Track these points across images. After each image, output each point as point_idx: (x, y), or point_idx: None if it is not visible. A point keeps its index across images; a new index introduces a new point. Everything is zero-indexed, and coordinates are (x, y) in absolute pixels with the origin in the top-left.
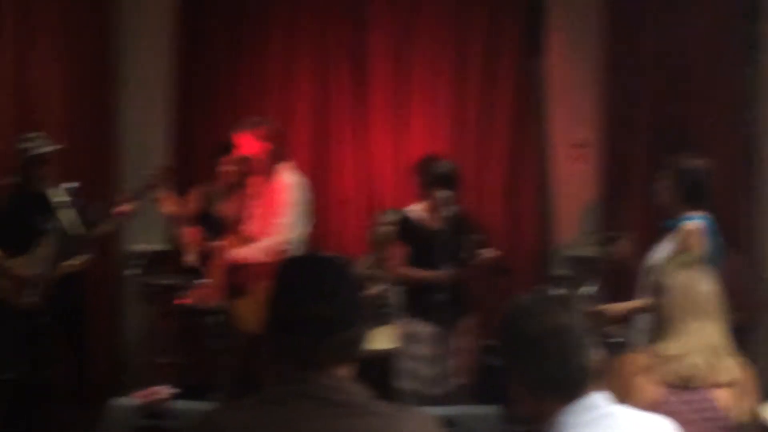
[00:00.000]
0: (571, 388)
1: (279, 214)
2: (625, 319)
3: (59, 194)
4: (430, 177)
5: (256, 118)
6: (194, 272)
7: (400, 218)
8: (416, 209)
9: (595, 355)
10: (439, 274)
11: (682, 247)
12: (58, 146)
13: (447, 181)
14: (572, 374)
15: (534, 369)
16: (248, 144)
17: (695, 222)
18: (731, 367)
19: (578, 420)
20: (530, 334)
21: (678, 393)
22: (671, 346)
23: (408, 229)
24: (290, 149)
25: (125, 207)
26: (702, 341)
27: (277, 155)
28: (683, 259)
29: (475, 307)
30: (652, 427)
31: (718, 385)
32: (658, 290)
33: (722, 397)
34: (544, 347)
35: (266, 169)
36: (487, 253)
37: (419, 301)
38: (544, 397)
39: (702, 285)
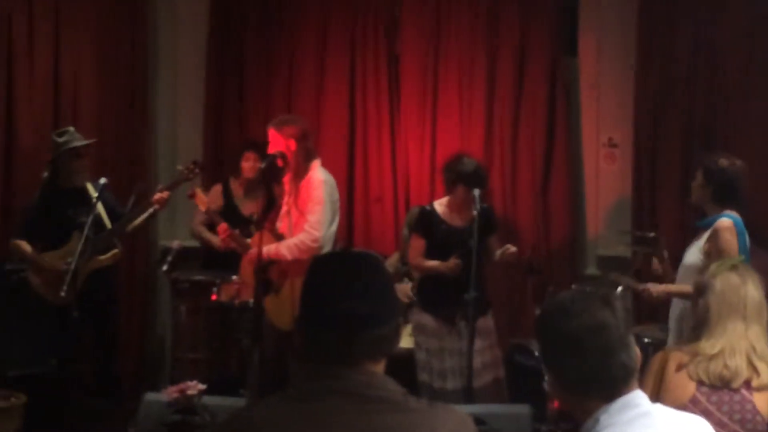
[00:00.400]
0: (611, 386)
1: (309, 212)
2: (667, 300)
3: (92, 188)
4: (454, 175)
5: (286, 115)
6: (225, 268)
7: (421, 210)
8: (440, 205)
9: (635, 352)
10: (448, 263)
11: (712, 245)
12: (92, 140)
13: (471, 179)
14: (613, 372)
15: (574, 367)
16: (277, 141)
17: (725, 220)
18: (766, 371)
19: (617, 419)
20: (570, 331)
21: (713, 392)
22: (710, 345)
23: (429, 223)
24: (322, 148)
25: (163, 194)
26: (742, 343)
27: (307, 153)
28: (730, 260)
29: (494, 306)
30: (689, 427)
31: (755, 388)
32: (701, 289)
33: (757, 399)
34: (584, 345)
35: (296, 166)
36: (510, 248)
37: (426, 295)
38: (584, 395)
39: (746, 288)
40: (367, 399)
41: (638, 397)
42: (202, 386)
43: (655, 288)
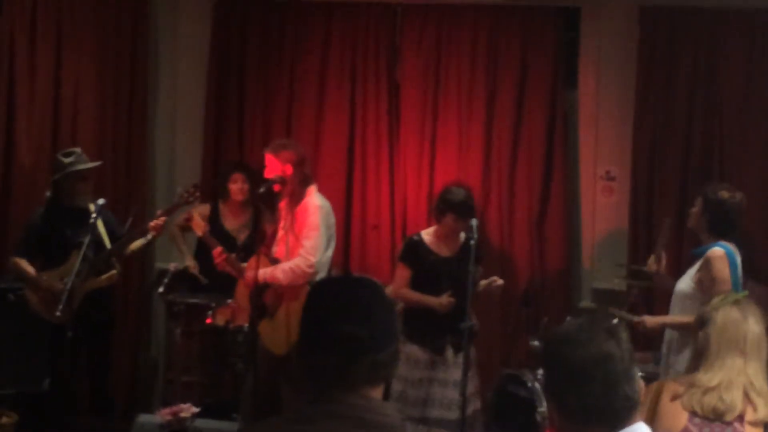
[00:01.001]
0: (613, 418)
1: (305, 237)
2: (661, 331)
3: (95, 209)
4: (443, 204)
5: (284, 140)
6: (220, 292)
7: (408, 240)
8: (428, 234)
9: (639, 385)
10: (434, 299)
11: (704, 273)
12: (97, 163)
13: (460, 208)
14: (615, 404)
15: (576, 397)
16: (273, 166)
17: (718, 249)
18: (762, 406)
19: None
20: (575, 361)
21: (705, 424)
22: (708, 378)
23: (414, 252)
24: (321, 174)
25: (159, 221)
26: (740, 378)
27: (304, 178)
28: (733, 295)
29: (488, 337)
30: None
31: (749, 422)
32: (702, 321)
33: None
34: (588, 375)
35: (292, 191)
36: (497, 281)
37: (413, 325)
38: (585, 425)
39: (747, 324)
40: (364, 423)
41: (640, 429)
42: (195, 409)
43: (651, 320)
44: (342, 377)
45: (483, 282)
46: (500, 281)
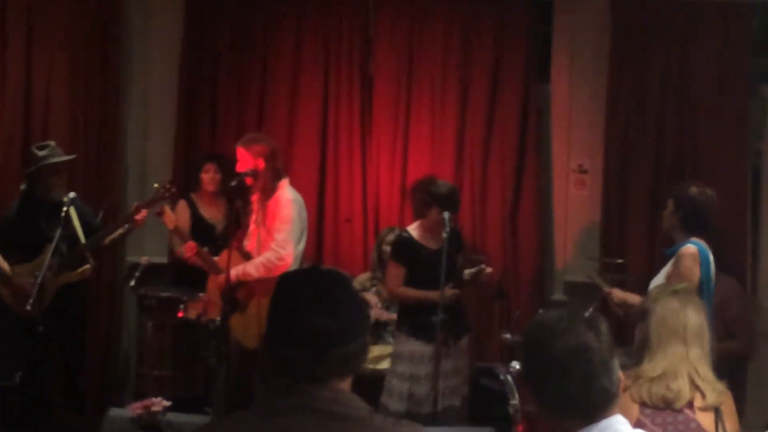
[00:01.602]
0: (590, 410)
1: (276, 230)
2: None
3: (66, 203)
4: (429, 197)
5: (255, 134)
6: (193, 285)
7: (398, 238)
8: (414, 229)
9: (617, 377)
10: (436, 293)
11: (675, 269)
12: (71, 156)
13: (445, 201)
14: (592, 396)
15: (554, 388)
16: (245, 160)
17: (690, 246)
18: (712, 393)
19: None
20: (553, 352)
21: (656, 414)
22: (651, 368)
23: (406, 249)
24: (294, 168)
25: (140, 215)
26: (683, 365)
27: (276, 172)
28: (672, 286)
29: (471, 328)
30: None
31: (699, 408)
32: (643, 313)
33: (701, 418)
34: (565, 367)
35: (264, 185)
36: (487, 269)
37: (415, 321)
38: (562, 416)
39: (686, 312)
40: (333, 416)
41: (617, 422)
42: (166, 403)
43: (618, 294)
44: (311, 370)
45: (468, 272)
46: (489, 269)
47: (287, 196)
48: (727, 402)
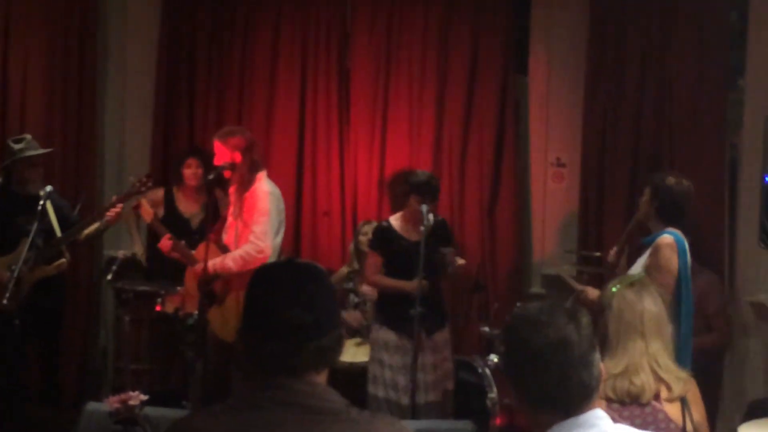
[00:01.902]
0: (569, 404)
1: (254, 223)
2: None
3: (42, 197)
4: (407, 186)
5: (232, 127)
6: (170, 279)
7: (378, 227)
8: (396, 220)
9: (597, 371)
10: (409, 284)
11: (652, 260)
12: (47, 150)
13: (423, 189)
14: (570, 390)
15: (534, 381)
16: (222, 153)
17: (666, 236)
18: (677, 384)
19: None
20: (533, 345)
21: (623, 408)
22: (613, 365)
23: (385, 238)
24: (272, 161)
25: (117, 209)
26: (644, 360)
27: (252, 165)
28: (626, 278)
29: (445, 324)
30: None
31: (666, 400)
32: (601, 309)
33: (669, 409)
34: (544, 360)
35: (241, 178)
36: (459, 261)
37: (389, 311)
38: (541, 409)
39: (642, 304)
40: (309, 409)
41: (596, 417)
42: (144, 396)
43: (592, 292)
44: (287, 363)
45: (457, 261)
46: (462, 261)
47: (264, 188)
48: (692, 390)
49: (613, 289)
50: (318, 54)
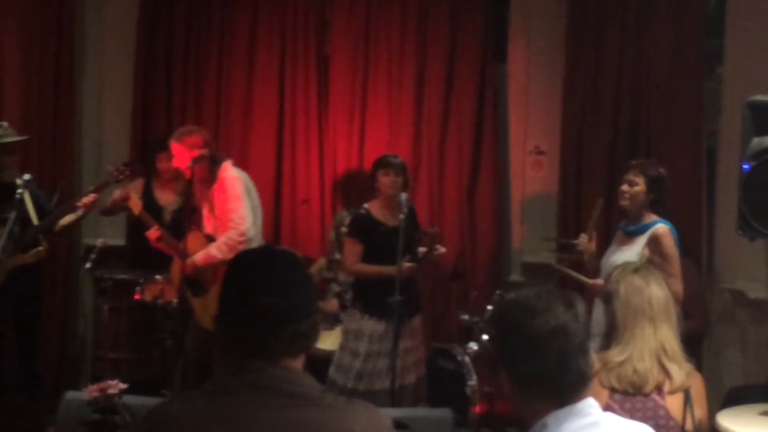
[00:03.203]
0: (564, 391)
1: (230, 210)
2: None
3: (20, 185)
4: (373, 167)
5: (187, 127)
6: (149, 267)
7: (355, 214)
8: (373, 206)
9: (592, 359)
10: (393, 268)
11: (653, 250)
12: (24, 137)
13: (381, 161)
14: (568, 378)
15: (530, 367)
16: (181, 154)
17: (663, 226)
18: (679, 374)
19: (565, 426)
20: (531, 332)
21: (625, 399)
22: (619, 352)
23: (363, 226)
24: (250, 149)
25: (90, 198)
26: (649, 347)
27: (213, 160)
28: (631, 264)
29: (424, 307)
30: None
31: (667, 392)
32: (608, 297)
33: (670, 403)
34: (543, 347)
35: (203, 175)
36: (440, 249)
37: (369, 299)
38: (536, 396)
39: (650, 289)
40: (283, 393)
41: (589, 405)
42: (123, 385)
43: (584, 279)
44: (262, 348)
45: (422, 249)
46: (443, 249)
47: (232, 175)
48: (696, 385)
49: (616, 279)
50: (296, 41)
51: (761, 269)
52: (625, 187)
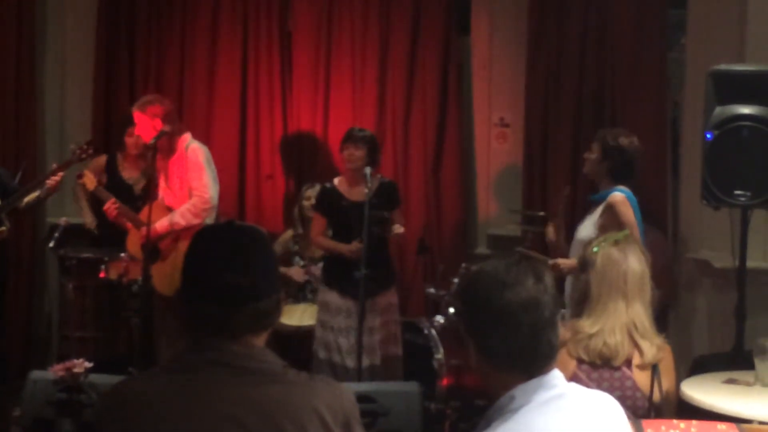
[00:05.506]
0: (534, 363)
1: (192, 179)
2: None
3: None
4: (342, 142)
5: (150, 96)
6: (117, 245)
7: (321, 188)
8: (340, 181)
9: (560, 332)
10: (351, 246)
11: (607, 218)
12: None
13: (348, 135)
14: (539, 350)
15: (500, 340)
16: (143, 122)
17: (618, 194)
18: (650, 350)
19: (533, 398)
20: (502, 304)
21: (593, 370)
22: (590, 324)
23: (330, 201)
24: (214, 124)
25: (57, 178)
26: (621, 323)
27: (174, 131)
28: (613, 235)
29: (388, 287)
30: (600, 407)
31: (637, 366)
32: (583, 265)
33: (638, 376)
34: (515, 320)
35: (166, 144)
36: (397, 229)
37: (333, 272)
38: (505, 369)
39: (627, 263)
40: (245, 371)
41: (555, 377)
42: (88, 364)
43: (564, 262)
44: (224, 326)
45: (397, 226)
46: (401, 229)
47: (193, 145)
48: (666, 358)
49: (595, 249)
50: (259, 18)
51: (725, 238)
52: (585, 155)
